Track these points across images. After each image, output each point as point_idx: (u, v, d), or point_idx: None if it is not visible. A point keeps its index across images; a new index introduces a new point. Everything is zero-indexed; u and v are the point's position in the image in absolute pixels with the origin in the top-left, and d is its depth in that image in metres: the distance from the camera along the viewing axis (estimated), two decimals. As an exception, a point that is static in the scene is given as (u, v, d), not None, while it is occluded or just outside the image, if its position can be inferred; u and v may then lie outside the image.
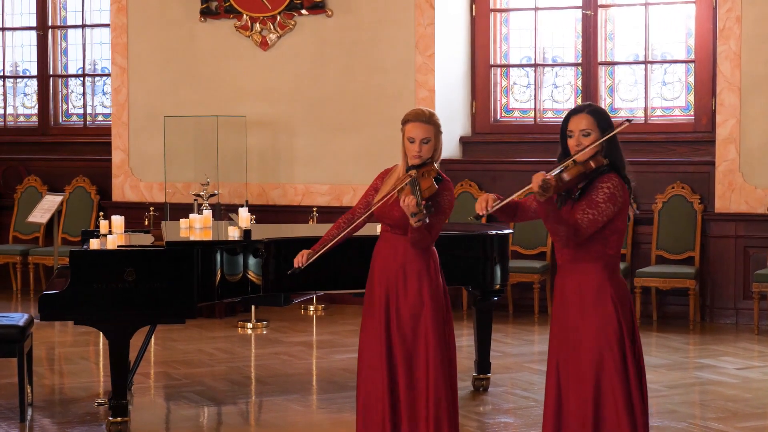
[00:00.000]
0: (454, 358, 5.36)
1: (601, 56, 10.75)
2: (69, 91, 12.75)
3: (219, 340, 9.29)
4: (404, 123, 5.30)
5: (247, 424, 6.86)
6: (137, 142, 11.79)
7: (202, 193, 9.39)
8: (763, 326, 9.68)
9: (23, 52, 12.92)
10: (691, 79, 10.49)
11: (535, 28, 11.00)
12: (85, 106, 12.61)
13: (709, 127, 10.31)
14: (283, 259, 6.52)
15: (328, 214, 10.67)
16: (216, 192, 10.00)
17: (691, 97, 10.50)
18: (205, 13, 11.46)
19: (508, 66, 11.17)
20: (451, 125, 10.92)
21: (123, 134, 11.84)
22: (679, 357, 8.62)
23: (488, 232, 7.24)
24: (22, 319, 6.64)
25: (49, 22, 12.67)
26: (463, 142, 11.13)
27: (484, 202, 4.55)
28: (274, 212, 11.11)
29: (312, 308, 10.56)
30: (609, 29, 10.77)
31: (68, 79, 12.73)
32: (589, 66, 10.74)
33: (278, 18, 11.22)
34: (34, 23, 12.73)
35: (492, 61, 11.13)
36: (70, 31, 12.70)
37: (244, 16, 11.33)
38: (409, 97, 10.67)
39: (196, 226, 7.25)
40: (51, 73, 12.69)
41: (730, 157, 9.95)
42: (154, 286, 6.17)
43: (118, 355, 6.22)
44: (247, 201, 10.37)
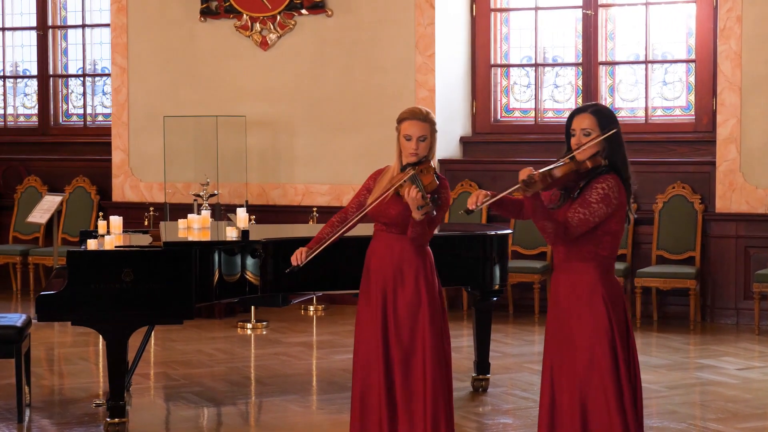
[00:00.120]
0: (450, 358, 5.35)
1: (602, 56, 10.73)
2: (69, 91, 12.74)
3: (218, 340, 9.28)
4: (400, 121, 5.28)
5: (247, 425, 6.85)
6: (137, 142, 11.78)
7: (202, 193, 9.37)
8: (763, 326, 9.66)
9: (23, 52, 12.92)
10: (692, 79, 10.47)
11: (536, 27, 10.99)
12: (85, 106, 12.61)
13: (709, 126, 10.30)
14: (281, 260, 6.49)
15: (329, 214, 10.62)
16: (216, 192, 9.98)
17: (692, 97, 10.48)
18: (205, 13, 11.45)
19: (509, 66, 11.15)
20: (452, 125, 10.92)
21: (123, 134, 11.83)
22: (680, 357, 8.61)
23: (488, 232, 7.23)
24: (20, 320, 6.63)
25: (50, 22, 12.66)
26: (464, 142, 11.12)
27: (475, 197, 4.57)
28: (274, 212, 11.10)
29: (312, 308, 10.55)
30: (609, 29, 10.76)
31: (68, 79, 12.72)
32: (590, 66, 10.73)
33: (278, 18, 11.21)
34: (34, 23, 12.72)
35: (492, 61, 11.11)
36: (70, 31, 12.69)
37: (244, 16, 11.32)
38: (409, 97, 10.65)
39: (195, 227, 7.24)
40: (51, 73, 12.69)
41: (731, 157, 9.93)
42: (151, 287, 6.16)
43: (115, 356, 6.20)
44: (247, 201, 10.37)
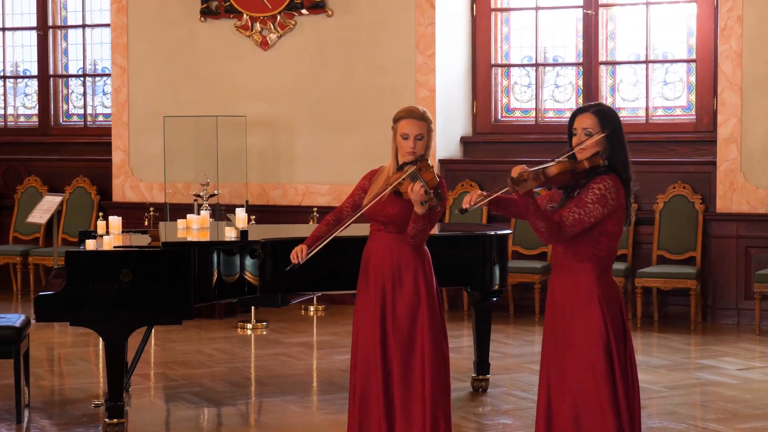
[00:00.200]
0: (448, 358, 5.33)
1: (603, 56, 10.72)
2: (69, 92, 12.74)
3: (218, 340, 9.27)
4: (397, 120, 5.27)
5: (247, 425, 6.84)
6: (137, 142, 11.78)
7: (202, 194, 9.35)
8: (764, 327, 9.65)
9: (23, 52, 12.91)
10: (693, 79, 10.46)
11: (536, 27, 10.98)
12: (85, 107, 12.60)
13: (710, 126, 10.28)
14: (280, 260, 6.49)
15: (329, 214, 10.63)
16: (216, 192, 9.96)
17: (693, 97, 10.47)
18: (205, 13, 11.44)
19: (509, 66, 11.14)
20: (452, 125, 10.91)
21: (123, 134, 11.82)
22: (680, 357, 8.59)
23: (488, 233, 7.21)
24: (19, 320, 6.62)
25: (50, 22, 12.65)
26: (464, 142, 11.11)
27: (470, 197, 4.56)
28: (275, 212, 11.09)
29: (312, 309, 10.54)
30: (610, 29, 10.74)
31: (68, 79, 12.71)
32: (591, 65, 10.71)
33: (278, 18, 11.20)
34: (34, 23, 12.72)
35: (493, 61, 11.10)
36: (70, 31, 12.69)
37: (245, 15, 11.31)
38: (409, 97, 10.63)
39: (194, 227, 7.23)
40: (51, 73, 12.68)
41: (732, 156, 9.92)
42: (150, 287, 6.14)
43: (114, 357, 6.19)
44: (247, 201, 10.36)
